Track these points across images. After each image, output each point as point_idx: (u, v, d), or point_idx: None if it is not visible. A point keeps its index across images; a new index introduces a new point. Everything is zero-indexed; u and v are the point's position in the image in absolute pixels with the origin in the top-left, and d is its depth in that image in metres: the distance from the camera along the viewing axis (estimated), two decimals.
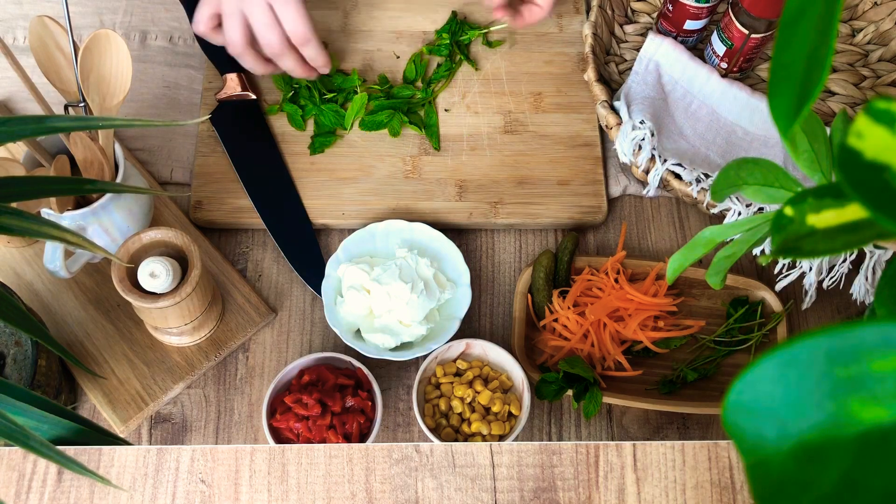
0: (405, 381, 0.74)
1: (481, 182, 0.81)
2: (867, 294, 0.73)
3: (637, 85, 0.82)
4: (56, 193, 0.58)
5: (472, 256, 0.80)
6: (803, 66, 0.28)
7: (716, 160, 0.82)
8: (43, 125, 0.48)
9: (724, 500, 0.46)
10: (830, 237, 0.32)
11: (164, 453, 0.46)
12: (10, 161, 0.63)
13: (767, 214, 0.48)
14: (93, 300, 0.74)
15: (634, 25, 0.92)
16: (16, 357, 0.64)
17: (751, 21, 0.79)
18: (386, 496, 0.46)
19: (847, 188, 0.24)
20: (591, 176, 0.82)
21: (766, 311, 0.76)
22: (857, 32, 0.91)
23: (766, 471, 0.24)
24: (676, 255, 0.52)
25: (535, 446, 0.47)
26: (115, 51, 0.63)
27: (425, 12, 0.91)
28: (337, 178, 0.81)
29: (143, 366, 0.72)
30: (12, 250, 0.76)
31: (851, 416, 0.23)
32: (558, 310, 0.73)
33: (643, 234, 0.82)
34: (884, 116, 0.25)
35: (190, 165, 0.82)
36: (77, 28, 0.87)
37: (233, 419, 0.72)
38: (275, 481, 0.46)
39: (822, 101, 0.88)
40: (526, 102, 0.86)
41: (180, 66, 0.88)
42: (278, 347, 0.75)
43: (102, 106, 0.65)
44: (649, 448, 0.47)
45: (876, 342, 0.23)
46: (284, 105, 0.84)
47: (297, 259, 0.77)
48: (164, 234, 0.65)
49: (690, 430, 0.74)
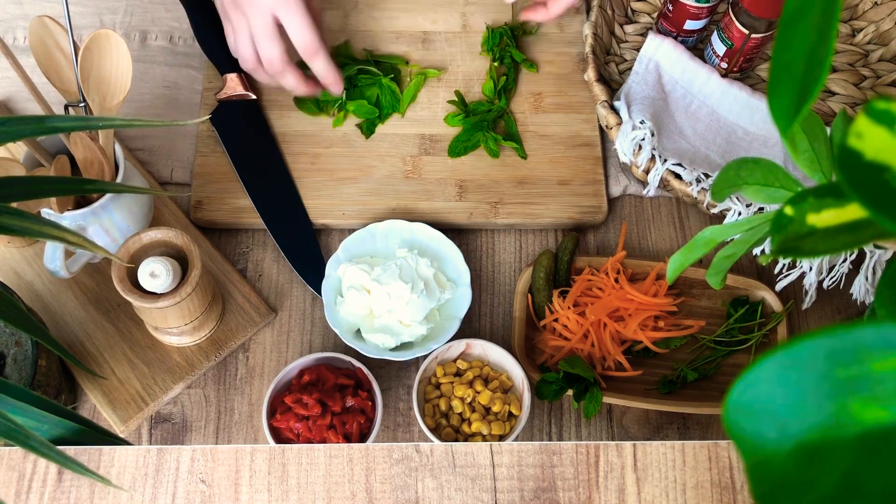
0: (405, 381, 0.74)
1: (481, 182, 0.81)
2: (867, 294, 0.73)
3: (637, 85, 0.82)
4: (56, 193, 0.58)
5: (472, 256, 0.80)
6: (803, 66, 0.28)
7: (716, 160, 0.82)
8: (43, 125, 0.48)
9: (724, 500, 0.46)
10: (830, 237, 0.32)
11: (164, 453, 0.46)
12: (10, 161, 0.63)
13: (767, 214, 0.48)
14: (93, 300, 0.74)
15: (634, 25, 0.92)
16: (16, 357, 0.64)
17: (751, 21, 0.79)
18: (386, 496, 0.46)
19: (847, 188, 0.24)
20: (591, 176, 0.82)
21: (766, 311, 0.76)
22: (857, 32, 0.91)
23: (766, 471, 0.24)
24: (676, 255, 0.52)
25: (535, 446, 0.47)
26: (115, 51, 0.63)
27: (425, 12, 0.91)
28: (337, 178, 0.81)
29: (143, 366, 0.72)
30: (12, 250, 0.76)
31: (851, 416, 0.23)
32: (558, 310, 0.73)
33: (643, 234, 0.82)
34: (884, 116, 0.25)
35: (190, 165, 0.82)
36: (77, 28, 0.87)
37: (233, 419, 0.72)
38: (275, 481, 0.46)
39: (822, 101, 0.88)
40: (526, 102, 0.86)
41: (180, 66, 0.88)
42: (278, 347, 0.75)
43: (102, 106, 0.65)
44: (649, 448, 0.47)
45: (876, 342, 0.23)
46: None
47: (297, 259, 0.77)
48: (164, 234, 0.65)
49: (690, 430, 0.74)
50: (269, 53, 0.71)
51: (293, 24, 0.70)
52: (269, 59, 0.72)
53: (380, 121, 0.84)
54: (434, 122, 0.85)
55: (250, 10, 0.71)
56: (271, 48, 0.71)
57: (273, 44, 0.71)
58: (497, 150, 0.82)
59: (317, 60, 0.73)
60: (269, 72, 0.75)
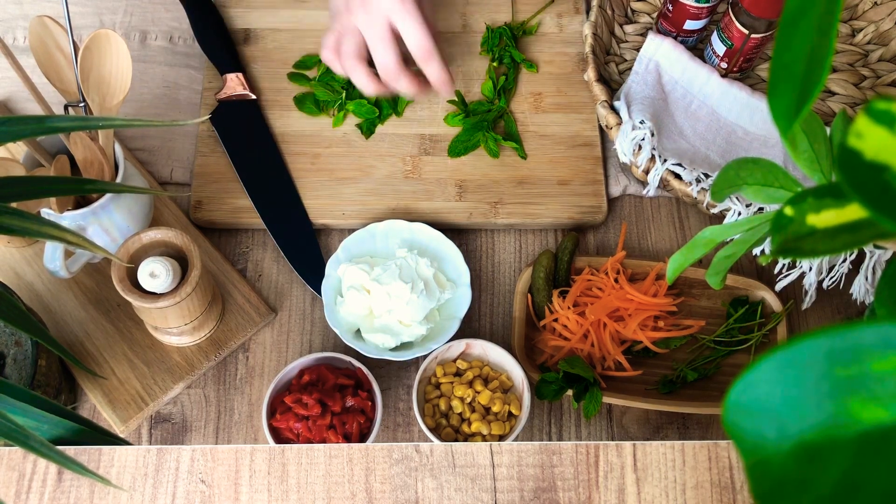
0: (405, 381, 0.74)
1: (481, 182, 0.81)
2: (867, 294, 0.73)
3: (637, 85, 0.82)
4: (56, 193, 0.58)
5: (472, 256, 0.80)
6: (803, 66, 0.28)
7: (716, 160, 0.82)
8: (43, 125, 0.48)
9: (724, 500, 0.46)
10: (830, 237, 0.32)
11: (164, 453, 0.46)
12: (10, 161, 0.63)
13: (767, 214, 0.48)
14: (93, 300, 0.74)
15: (634, 25, 0.92)
16: (16, 357, 0.64)
17: (751, 21, 0.79)
18: (386, 496, 0.46)
19: (847, 188, 0.24)
20: (591, 176, 0.82)
21: (766, 311, 0.76)
22: (857, 32, 0.91)
23: (766, 471, 0.24)
24: (676, 255, 0.52)
25: (535, 446, 0.47)
26: (115, 51, 0.63)
27: None
28: (337, 178, 0.81)
29: (143, 366, 0.72)
30: (12, 250, 0.76)
31: (851, 416, 0.23)
32: (558, 310, 0.73)
33: (643, 234, 0.82)
34: (884, 116, 0.25)
35: (190, 165, 0.82)
36: (77, 28, 0.87)
37: (233, 419, 0.72)
38: (275, 481, 0.46)
39: (822, 101, 0.88)
40: (526, 103, 0.86)
41: (180, 66, 0.88)
42: (278, 347, 0.75)
43: (102, 106, 0.65)
44: (649, 448, 0.47)
45: (876, 342, 0.23)
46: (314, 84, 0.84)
47: (297, 259, 0.77)
48: (164, 234, 0.65)
49: (690, 430, 0.74)
50: (384, 59, 0.70)
51: (408, 29, 0.69)
52: (384, 64, 0.71)
53: (379, 121, 0.84)
54: (434, 122, 0.85)
55: (365, 16, 0.70)
56: (386, 53, 0.70)
57: (388, 48, 0.70)
58: (497, 150, 0.82)
59: (431, 63, 0.72)
60: (384, 77, 0.73)
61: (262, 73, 0.86)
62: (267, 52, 0.88)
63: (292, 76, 0.86)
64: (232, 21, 0.89)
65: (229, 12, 0.90)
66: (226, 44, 0.86)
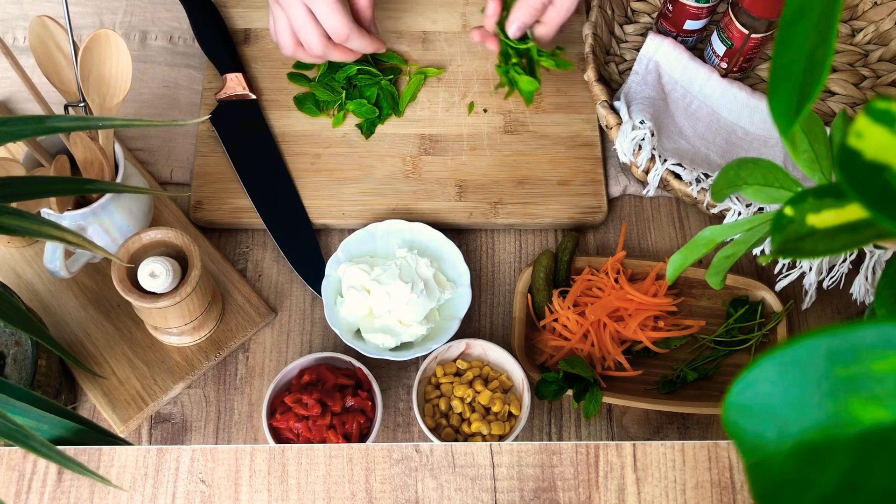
0: (405, 381, 0.74)
1: (481, 182, 0.81)
2: (867, 294, 0.73)
3: (637, 85, 0.82)
4: (56, 193, 0.58)
5: (472, 256, 0.80)
6: (803, 66, 0.28)
7: (716, 160, 0.82)
8: (43, 125, 0.48)
9: (724, 500, 0.46)
10: (830, 237, 0.32)
11: (164, 453, 0.46)
12: (10, 161, 0.63)
13: (767, 214, 0.48)
14: (93, 300, 0.74)
15: (634, 25, 0.92)
16: (16, 357, 0.64)
17: (751, 21, 0.79)
18: (386, 496, 0.46)
19: (847, 188, 0.24)
20: (591, 176, 0.82)
21: (766, 311, 0.76)
22: (857, 32, 0.91)
23: (766, 471, 0.24)
24: (676, 255, 0.52)
25: (535, 446, 0.47)
26: (115, 51, 0.63)
27: (425, 13, 0.91)
28: (337, 178, 0.81)
29: (143, 366, 0.72)
30: (12, 250, 0.76)
31: (851, 416, 0.23)
32: (558, 310, 0.73)
33: (643, 234, 0.82)
34: (884, 116, 0.25)
35: (190, 165, 0.82)
36: (77, 28, 0.87)
37: (233, 419, 0.72)
38: (275, 481, 0.46)
39: (822, 101, 0.88)
40: None
41: (180, 66, 0.88)
42: (278, 347, 0.75)
43: (102, 106, 0.65)
44: (649, 448, 0.47)
45: (876, 342, 0.23)
46: (314, 84, 0.85)
47: (297, 259, 0.77)
48: (164, 234, 0.65)
49: (690, 430, 0.74)
50: (307, 39, 0.76)
51: (321, 13, 0.74)
52: (308, 44, 0.77)
53: (380, 121, 0.84)
54: (434, 122, 0.85)
55: (287, 4, 0.75)
56: (308, 35, 0.76)
57: (309, 30, 0.75)
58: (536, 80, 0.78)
59: (351, 42, 0.77)
60: (311, 55, 0.79)
61: (262, 73, 0.87)
62: (267, 52, 0.88)
63: (292, 76, 0.86)
64: (232, 21, 0.89)
65: (229, 12, 0.90)
66: (226, 44, 0.86)
